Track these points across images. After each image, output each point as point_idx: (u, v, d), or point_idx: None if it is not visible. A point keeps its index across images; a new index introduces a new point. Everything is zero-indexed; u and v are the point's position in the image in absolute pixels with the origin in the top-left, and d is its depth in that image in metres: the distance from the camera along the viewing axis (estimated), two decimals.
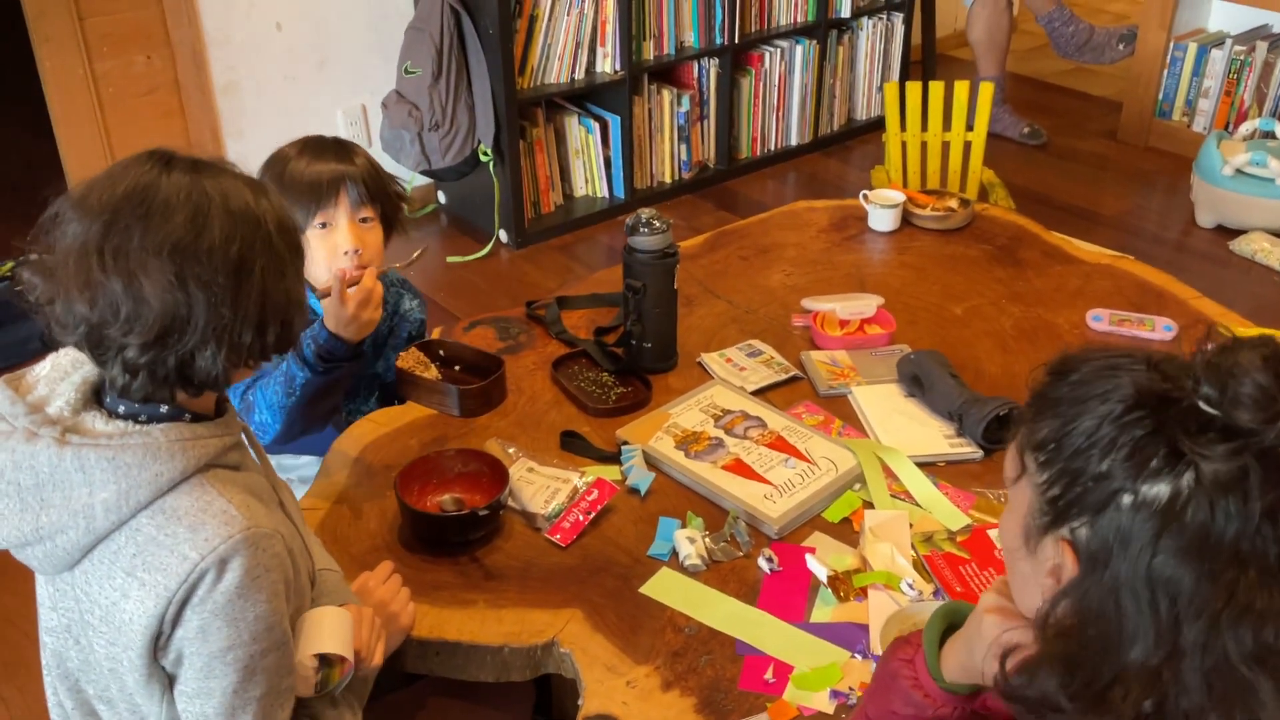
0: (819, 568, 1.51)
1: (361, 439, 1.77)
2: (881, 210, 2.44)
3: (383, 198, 1.78)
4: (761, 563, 1.53)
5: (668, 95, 3.94)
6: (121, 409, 1.13)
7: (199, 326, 1.08)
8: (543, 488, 1.64)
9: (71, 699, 1.25)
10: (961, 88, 3.17)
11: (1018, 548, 0.96)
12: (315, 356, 1.63)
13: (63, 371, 1.17)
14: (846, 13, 4.32)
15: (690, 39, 3.96)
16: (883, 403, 1.86)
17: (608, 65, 3.75)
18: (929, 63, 4.71)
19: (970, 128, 3.21)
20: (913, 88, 3.19)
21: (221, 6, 3.40)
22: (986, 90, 3.19)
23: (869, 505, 1.63)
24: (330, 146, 1.77)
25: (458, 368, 1.87)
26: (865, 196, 2.49)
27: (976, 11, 4.32)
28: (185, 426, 1.14)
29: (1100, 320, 2.07)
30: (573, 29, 3.63)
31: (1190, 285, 2.22)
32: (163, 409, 1.13)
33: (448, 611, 1.45)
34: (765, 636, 1.42)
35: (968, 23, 4.40)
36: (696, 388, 1.88)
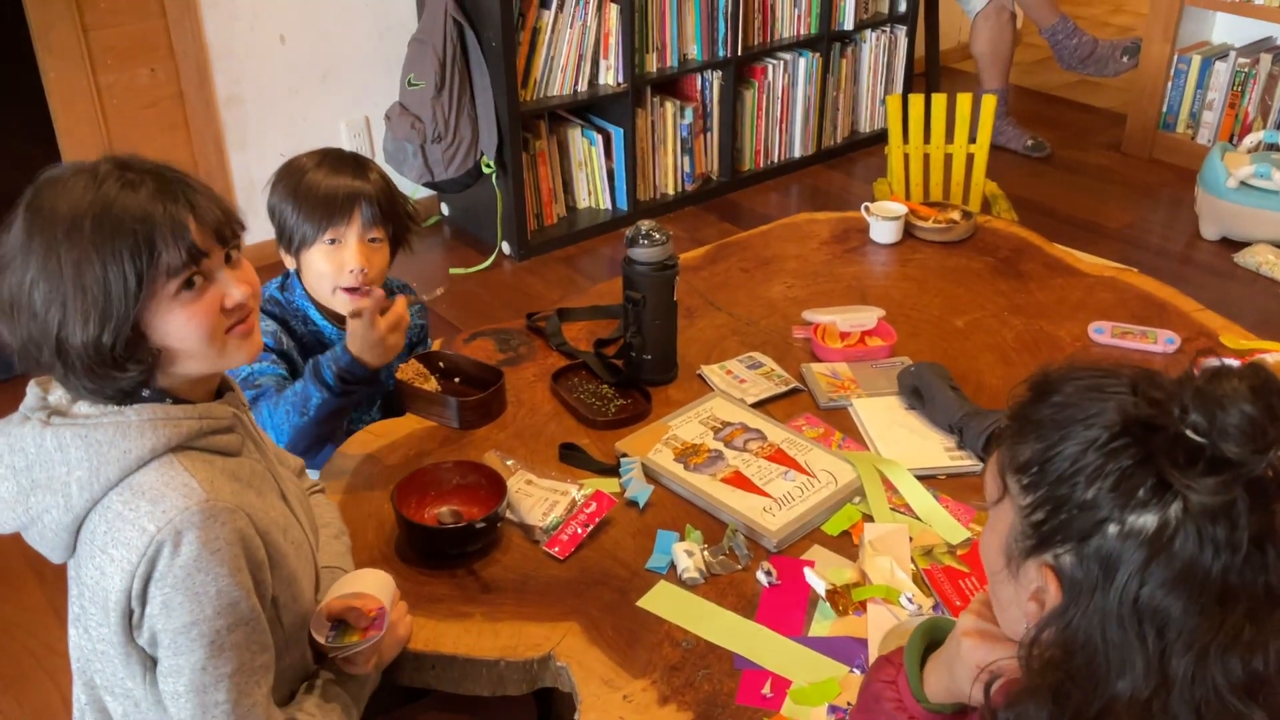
0: (818, 581, 1.50)
1: (359, 450, 1.77)
2: (883, 222, 2.44)
3: (394, 219, 1.81)
4: (760, 576, 1.52)
5: (670, 107, 3.95)
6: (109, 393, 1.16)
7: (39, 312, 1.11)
8: (541, 500, 1.63)
9: (86, 694, 1.27)
10: (964, 100, 3.17)
11: (999, 569, 0.94)
12: (335, 378, 1.66)
13: None
14: (849, 25, 4.33)
15: (693, 51, 3.97)
16: (883, 415, 1.85)
17: (610, 77, 3.76)
18: (932, 75, 4.72)
19: (973, 140, 3.21)
20: (915, 100, 3.19)
21: (225, 19, 3.41)
22: (989, 103, 3.19)
23: (869, 518, 1.63)
24: (349, 162, 1.79)
25: (457, 379, 1.88)
26: (867, 209, 2.48)
27: (980, 24, 4.33)
28: (160, 407, 1.16)
29: (1102, 333, 2.06)
30: (575, 41, 3.64)
31: (1195, 298, 2.21)
32: (144, 393, 1.17)
33: (445, 624, 1.45)
34: (763, 651, 1.41)
35: (971, 35, 4.41)
36: (696, 400, 1.87)
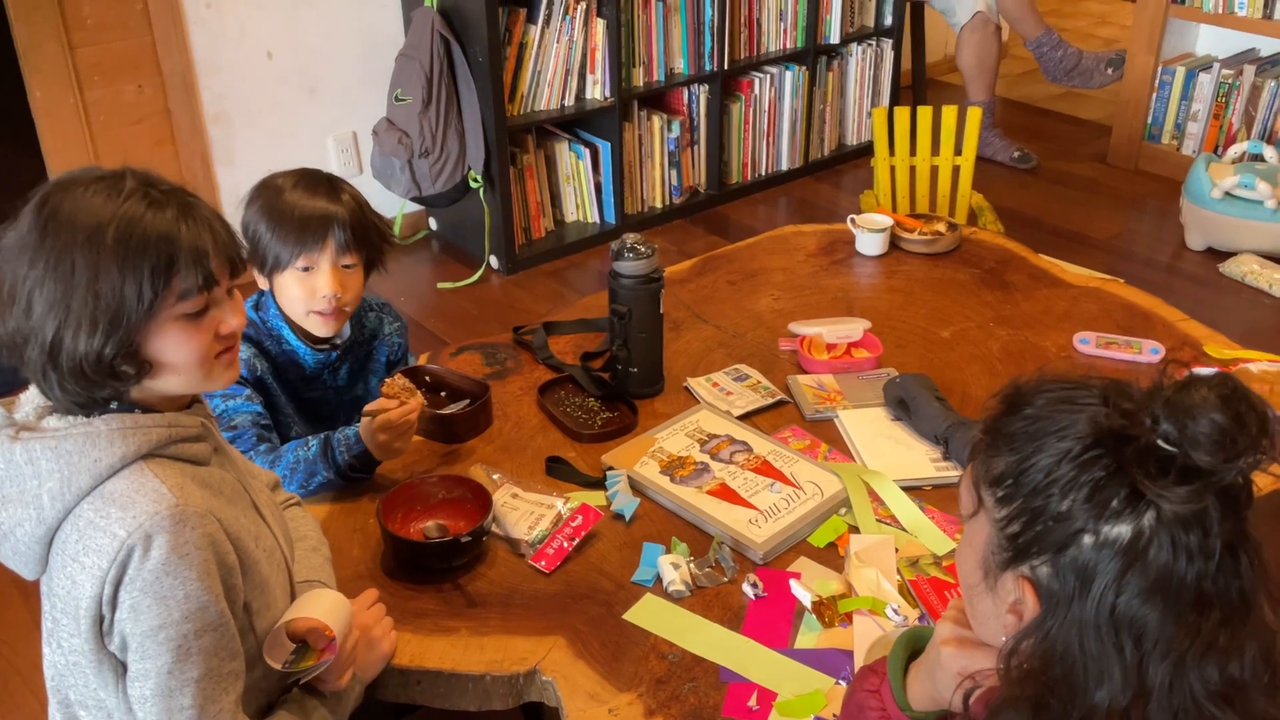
0: (804, 593, 1.50)
1: None
2: (869, 234, 2.44)
3: (367, 244, 1.78)
4: (746, 588, 1.52)
5: (658, 121, 3.96)
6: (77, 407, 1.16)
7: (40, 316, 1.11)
8: (527, 514, 1.63)
9: (61, 712, 1.26)
10: (950, 112, 3.19)
11: (976, 583, 0.95)
12: (346, 465, 1.66)
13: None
14: (835, 39, 4.34)
15: (680, 66, 3.98)
16: (869, 427, 1.86)
17: (598, 92, 3.77)
18: (919, 88, 4.74)
19: (959, 152, 3.22)
20: (901, 113, 3.20)
21: (212, 35, 3.41)
22: (974, 115, 3.21)
23: (854, 530, 1.63)
24: (323, 184, 1.77)
25: (443, 394, 1.87)
26: (853, 221, 2.49)
27: (966, 37, 4.34)
28: (129, 416, 1.17)
29: (1087, 343, 2.07)
30: (562, 56, 3.65)
31: (1180, 308, 2.22)
32: (113, 405, 1.17)
33: (430, 639, 1.44)
34: (749, 663, 1.40)
35: (957, 48, 4.43)
36: (682, 412, 1.87)
